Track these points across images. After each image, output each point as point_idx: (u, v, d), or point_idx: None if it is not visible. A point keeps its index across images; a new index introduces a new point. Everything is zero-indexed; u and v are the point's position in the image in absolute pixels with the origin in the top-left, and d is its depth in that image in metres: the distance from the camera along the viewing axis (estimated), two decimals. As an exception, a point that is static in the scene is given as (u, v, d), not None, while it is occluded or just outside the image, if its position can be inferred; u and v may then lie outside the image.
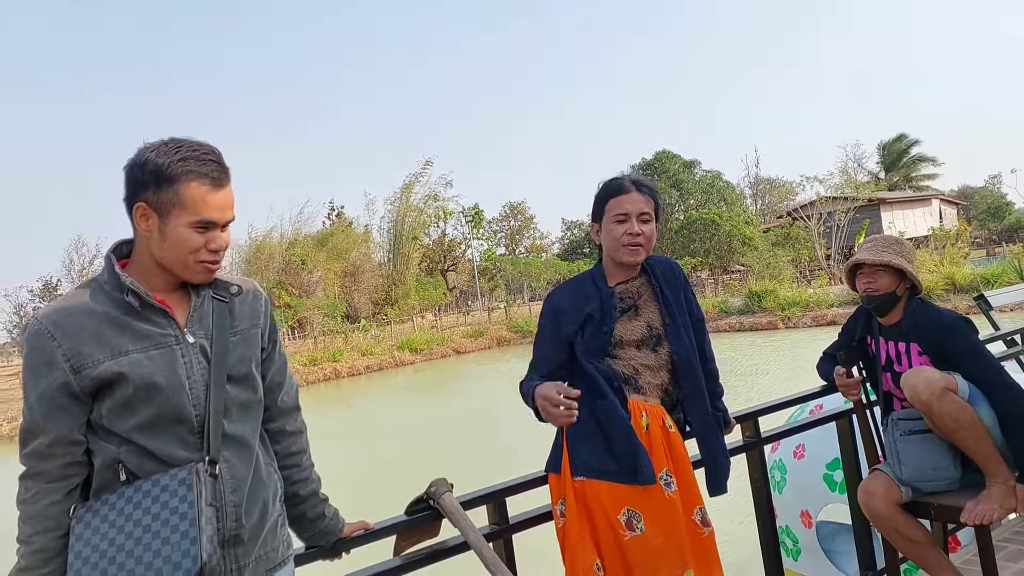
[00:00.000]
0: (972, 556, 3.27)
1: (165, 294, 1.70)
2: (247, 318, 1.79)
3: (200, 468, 1.61)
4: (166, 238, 1.64)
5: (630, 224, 2.44)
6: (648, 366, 2.46)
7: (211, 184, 1.65)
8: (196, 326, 1.70)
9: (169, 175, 1.61)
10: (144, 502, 1.57)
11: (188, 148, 1.64)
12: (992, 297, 5.10)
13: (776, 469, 4.86)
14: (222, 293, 1.76)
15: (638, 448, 2.33)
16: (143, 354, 1.62)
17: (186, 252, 1.66)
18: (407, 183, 52.59)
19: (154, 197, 1.62)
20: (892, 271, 2.93)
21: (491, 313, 45.27)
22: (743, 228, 44.62)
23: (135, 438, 1.61)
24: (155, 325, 1.65)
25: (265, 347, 1.84)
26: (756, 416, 3.18)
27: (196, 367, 1.67)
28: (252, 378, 1.77)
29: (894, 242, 3.03)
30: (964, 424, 2.71)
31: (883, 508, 2.90)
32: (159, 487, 1.58)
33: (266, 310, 1.86)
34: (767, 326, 30.22)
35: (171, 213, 1.63)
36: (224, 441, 1.67)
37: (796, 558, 4.81)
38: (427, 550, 2.37)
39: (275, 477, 1.82)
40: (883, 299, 2.95)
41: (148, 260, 1.68)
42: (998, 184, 59.80)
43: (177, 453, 1.63)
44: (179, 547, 1.53)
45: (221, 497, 1.64)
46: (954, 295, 26.25)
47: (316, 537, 1.99)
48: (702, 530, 2.39)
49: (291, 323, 40.68)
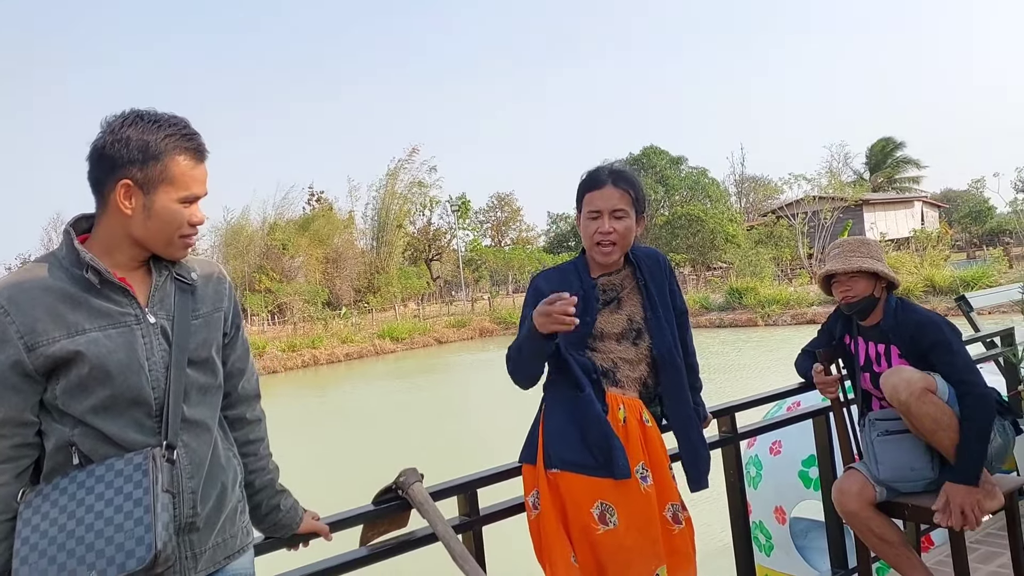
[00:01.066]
0: (944, 557, 3.27)
1: (126, 272, 1.64)
2: (210, 301, 1.74)
3: (157, 453, 1.55)
4: (152, 215, 1.60)
5: (601, 222, 2.37)
6: (627, 359, 2.42)
7: (195, 159, 1.64)
8: (157, 306, 1.64)
9: (156, 151, 1.58)
10: (97, 487, 1.51)
11: (168, 123, 1.62)
12: (973, 299, 5.11)
13: (752, 465, 4.86)
14: (184, 275, 1.71)
15: (614, 442, 2.29)
16: (101, 332, 1.56)
17: (173, 228, 1.63)
18: (392, 170, 52.37)
19: (140, 174, 1.58)
20: (866, 275, 2.92)
21: (475, 304, 45.21)
22: (727, 225, 44.80)
23: (90, 420, 1.55)
24: (114, 303, 1.59)
25: (228, 332, 1.78)
26: (733, 411, 3.16)
27: (156, 348, 1.61)
28: (212, 362, 1.71)
29: (860, 244, 3.01)
30: (943, 425, 2.70)
31: (856, 507, 2.89)
32: (113, 471, 1.53)
33: (230, 293, 1.80)
34: (747, 323, 30.37)
35: (158, 190, 1.60)
36: (183, 426, 1.61)
37: (768, 554, 4.81)
38: (394, 541, 2.33)
39: (235, 462, 1.77)
40: (862, 304, 2.94)
41: (116, 237, 1.62)
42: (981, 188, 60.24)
43: (133, 437, 1.57)
44: (132, 534, 1.47)
45: (178, 483, 1.58)
46: (934, 297, 26.48)
47: (271, 529, 1.94)
48: (673, 527, 2.36)
49: (271, 308, 40.43)
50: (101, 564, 1.46)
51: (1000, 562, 3.40)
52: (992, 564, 3.42)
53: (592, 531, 2.27)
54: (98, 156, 1.60)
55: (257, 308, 39.35)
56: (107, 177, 1.59)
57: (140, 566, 1.46)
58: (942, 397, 2.73)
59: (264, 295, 40.85)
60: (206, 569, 1.66)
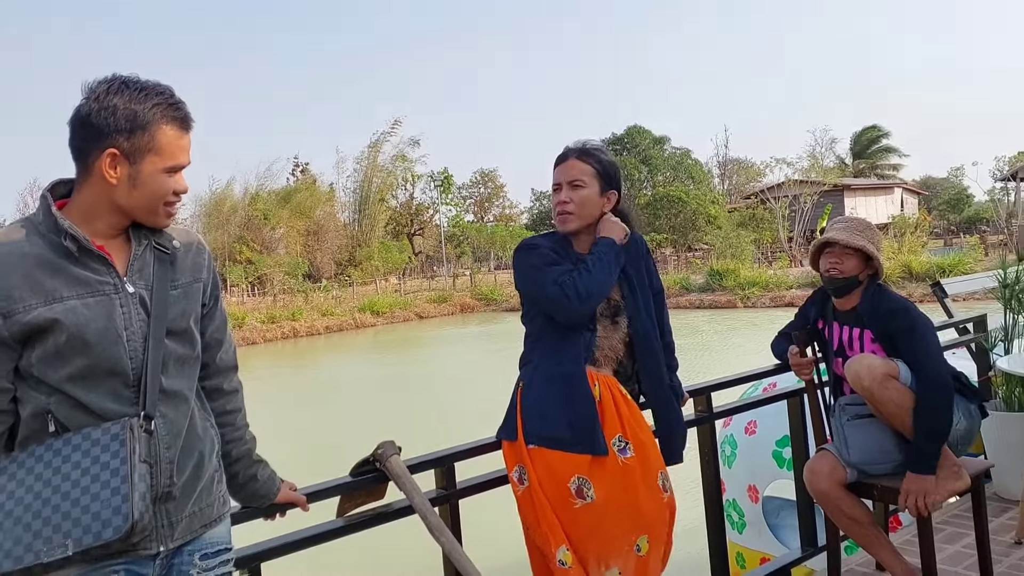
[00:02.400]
0: (911, 537, 3.33)
1: (105, 241, 1.61)
2: (189, 271, 1.72)
3: (134, 423, 1.54)
4: (138, 185, 1.58)
5: (560, 193, 2.44)
6: (605, 337, 2.43)
7: (182, 128, 1.63)
8: (136, 276, 1.62)
9: (144, 120, 1.56)
10: (73, 455, 1.50)
11: (156, 92, 1.59)
12: (948, 285, 5.18)
13: (727, 444, 4.92)
14: (164, 244, 1.69)
15: (595, 418, 2.32)
16: (79, 300, 1.54)
17: (159, 197, 1.61)
18: (374, 142, 51.95)
19: (127, 143, 1.56)
20: (860, 255, 2.93)
21: (456, 280, 45.15)
22: (709, 207, 44.95)
23: (66, 389, 1.54)
24: (93, 271, 1.57)
25: (206, 303, 1.77)
26: (710, 391, 3.19)
27: (135, 318, 1.59)
28: (191, 333, 1.70)
29: (867, 226, 3.01)
30: (905, 410, 2.75)
31: (827, 487, 2.93)
32: (90, 440, 1.51)
33: (209, 264, 1.79)
34: (726, 304, 30.59)
35: (145, 159, 1.58)
36: (160, 396, 1.61)
37: (741, 531, 4.89)
38: (371, 512, 2.34)
39: (212, 432, 1.76)
40: (845, 282, 2.95)
41: (97, 204, 1.59)
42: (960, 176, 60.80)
43: (110, 406, 1.56)
44: (109, 503, 1.47)
45: (155, 453, 1.57)
46: (910, 282, 26.79)
47: (248, 499, 1.94)
48: (663, 495, 2.39)
49: (251, 280, 40.17)
50: (77, 532, 1.46)
51: (965, 542, 3.47)
52: (957, 544, 3.50)
53: (570, 505, 2.29)
54: (82, 123, 1.56)
55: (237, 279, 39.10)
56: (92, 146, 1.56)
57: (116, 535, 1.46)
58: (904, 383, 2.77)
59: (244, 266, 40.57)
60: (183, 538, 1.66)
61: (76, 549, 1.46)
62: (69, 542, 1.45)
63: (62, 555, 1.45)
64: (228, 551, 1.77)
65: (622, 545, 2.31)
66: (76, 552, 1.46)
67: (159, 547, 1.60)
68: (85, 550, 1.46)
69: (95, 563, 1.51)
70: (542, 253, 2.41)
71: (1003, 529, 3.59)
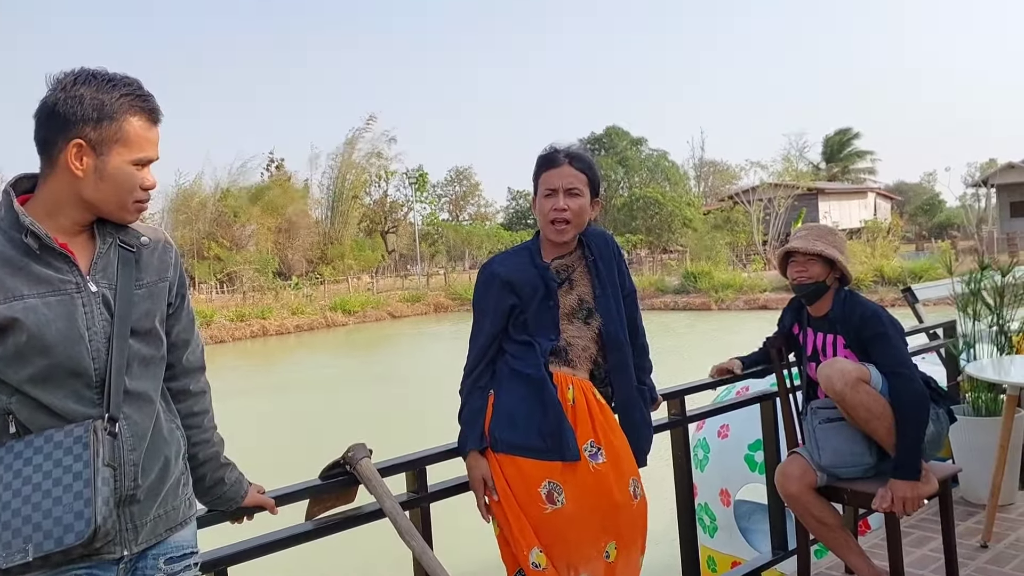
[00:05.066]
0: (880, 540, 3.36)
1: (68, 238, 1.58)
2: (154, 271, 1.68)
3: (98, 425, 1.50)
4: (104, 177, 1.55)
5: (557, 199, 2.38)
6: (578, 338, 2.43)
7: (150, 120, 1.60)
8: (100, 275, 1.58)
9: (111, 111, 1.53)
10: (35, 458, 1.47)
11: (123, 83, 1.57)
12: (918, 291, 5.24)
13: (700, 447, 4.93)
14: (130, 241, 1.65)
15: (564, 425, 2.31)
16: (40, 300, 1.50)
17: (126, 191, 1.58)
18: (349, 139, 51.61)
19: (94, 134, 1.52)
20: (823, 261, 2.97)
21: (430, 279, 45.01)
22: (684, 209, 45.28)
23: (27, 390, 1.50)
24: (55, 270, 1.53)
25: (172, 302, 1.73)
26: (683, 394, 3.19)
27: (98, 318, 1.55)
28: (156, 333, 1.67)
29: (827, 232, 3.07)
30: (876, 414, 2.78)
31: (797, 490, 2.95)
32: (52, 443, 1.48)
33: (176, 263, 1.75)
34: (701, 306, 30.81)
35: (112, 151, 1.55)
36: (125, 398, 1.57)
37: (712, 535, 4.90)
38: (340, 516, 2.31)
39: (178, 435, 1.73)
40: (813, 287, 2.99)
41: (62, 199, 1.56)
42: (932, 181, 61.73)
43: (72, 407, 1.52)
44: (72, 508, 1.44)
45: (119, 456, 1.54)
46: (882, 287, 27.14)
47: (216, 503, 1.91)
48: (633, 501, 2.38)
49: (220, 277, 39.73)
50: (38, 537, 1.43)
51: (932, 546, 3.51)
52: (924, 548, 3.54)
53: (541, 511, 2.28)
54: (48, 114, 1.53)
55: (205, 276, 38.67)
56: (57, 136, 1.53)
57: (79, 540, 1.43)
58: (875, 387, 2.80)
59: (213, 263, 40.11)
60: (147, 542, 1.62)
61: (36, 554, 1.42)
62: (29, 547, 1.42)
63: (22, 560, 1.42)
64: (194, 555, 1.74)
65: (591, 551, 2.31)
66: (36, 557, 1.42)
67: (123, 551, 1.57)
68: (46, 555, 1.43)
69: (56, 568, 1.48)
70: (500, 290, 2.40)
71: (970, 533, 3.64)
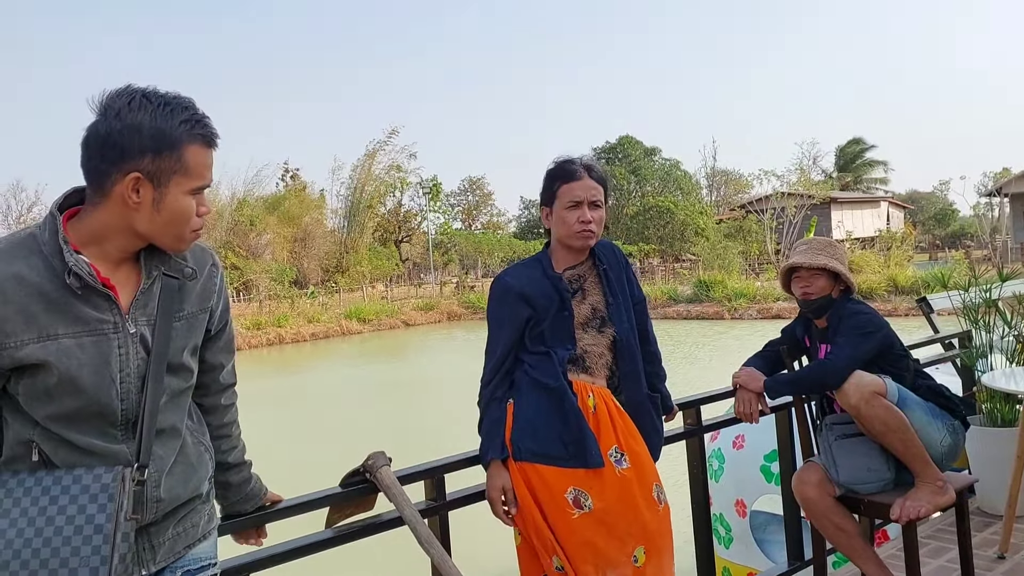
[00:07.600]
0: (897, 551, 3.35)
1: (112, 268, 1.51)
2: (197, 300, 1.63)
3: (127, 474, 1.47)
4: (163, 209, 1.48)
5: (582, 211, 2.44)
6: (594, 346, 2.47)
7: (208, 146, 1.53)
8: (140, 311, 1.52)
9: (171, 141, 1.46)
10: (62, 499, 1.44)
11: (181, 108, 1.48)
12: (934, 300, 5.21)
13: (715, 458, 4.93)
14: (176, 272, 1.58)
15: (587, 433, 2.34)
16: (74, 340, 1.45)
17: (183, 221, 1.51)
18: (370, 151, 51.84)
19: (153, 165, 1.45)
20: (827, 274, 2.97)
21: (443, 287, 45.08)
22: (697, 218, 45.12)
23: (51, 426, 1.48)
24: (94, 307, 1.47)
25: (214, 328, 1.70)
26: (699, 404, 3.20)
27: (133, 358, 1.51)
28: (188, 366, 1.63)
29: (827, 245, 3.07)
30: (892, 427, 2.77)
31: (816, 495, 2.95)
32: (79, 485, 1.45)
33: (220, 288, 1.71)
34: (714, 315, 30.66)
35: (171, 181, 1.47)
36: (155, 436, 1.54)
37: (728, 546, 4.89)
38: (360, 523, 2.34)
39: (206, 457, 1.70)
40: (819, 302, 2.99)
41: (112, 228, 1.49)
42: (946, 190, 61.33)
43: (96, 443, 1.49)
44: (88, 563, 1.41)
45: (143, 505, 1.51)
46: (896, 296, 26.96)
47: (241, 502, 1.93)
48: (658, 507, 2.41)
49: (236, 285, 39.92)
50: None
51: (949, 556, 3.49)
52: (941, 558, 3.52)
53: (568, 516, 2.31)
54: (102, 144, 1.44)
55: (224, 286, 38.75)
56: (113, 168, 1.45)
57: None
58: (891, 400, 2.79)
59: (230, 271, 40.29)
60: (165, 560, 1.60)
61: None
62: None
63: None
64: (213, 566, 1.73)
65: (619, 556, 2.32)
66: None
67: (140, 571, 1.55)
68: None
69: None
70: (515, 302, 2.43)
71: (986, 544, 3.62)
